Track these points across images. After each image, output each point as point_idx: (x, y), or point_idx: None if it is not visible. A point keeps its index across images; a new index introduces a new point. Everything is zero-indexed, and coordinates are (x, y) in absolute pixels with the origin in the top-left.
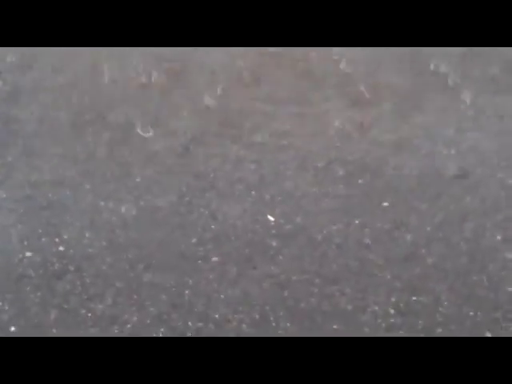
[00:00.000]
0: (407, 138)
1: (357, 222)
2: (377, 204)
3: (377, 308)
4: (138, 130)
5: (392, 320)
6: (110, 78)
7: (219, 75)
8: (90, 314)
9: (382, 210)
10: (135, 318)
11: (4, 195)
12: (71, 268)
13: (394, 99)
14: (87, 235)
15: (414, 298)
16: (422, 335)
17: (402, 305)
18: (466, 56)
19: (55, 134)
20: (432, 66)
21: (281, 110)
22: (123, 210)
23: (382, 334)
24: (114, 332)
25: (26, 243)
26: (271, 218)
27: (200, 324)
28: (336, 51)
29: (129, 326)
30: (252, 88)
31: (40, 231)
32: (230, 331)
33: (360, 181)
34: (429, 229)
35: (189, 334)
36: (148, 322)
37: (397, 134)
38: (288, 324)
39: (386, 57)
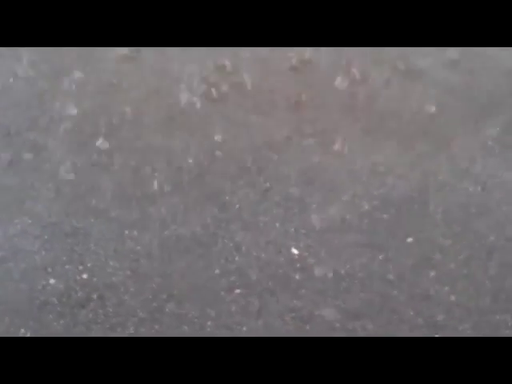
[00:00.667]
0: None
1: (380, 257)
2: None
3: None
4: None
5: None
6: None
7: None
8: None
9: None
10: None
11: (29, 221)
12: (94, 296)
13: None
14: (111, 263)
15: (437, 336)
16: None
17: None
18: None
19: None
20: None
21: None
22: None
23: None
24: None
25: (49, 270)
26: (295, 251)
27: None
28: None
29: None
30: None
31: (64, 258)
32: None
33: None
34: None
35: None
36: None
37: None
38: None
39: None
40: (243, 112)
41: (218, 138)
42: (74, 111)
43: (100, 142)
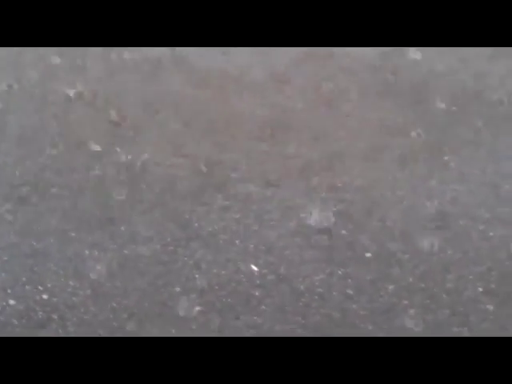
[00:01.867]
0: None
1: (340, 272)
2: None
3: None
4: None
5: None
6: None
7: None
8: None
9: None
10: None
11: None
12: (55, 316)
13: None
14: (71, 283)
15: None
16: None
17: None
18: None
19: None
20: None
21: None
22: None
23: None
24: None
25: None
26: (255, 268)
27: None
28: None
29: None
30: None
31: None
32: None
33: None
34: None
35: None
36: None
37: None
38: None
39: None
40: None
41: None
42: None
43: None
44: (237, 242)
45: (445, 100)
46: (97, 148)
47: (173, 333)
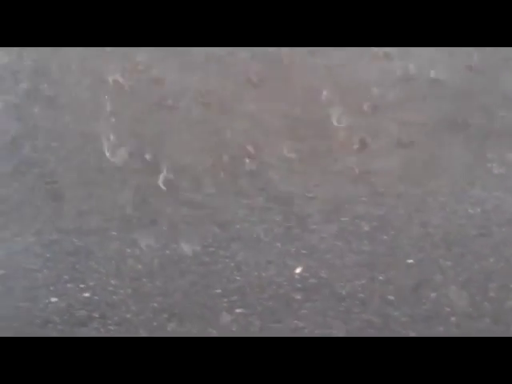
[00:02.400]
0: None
1: (381, 277)
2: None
3: None
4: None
5: None
6: None
7: None
8: None
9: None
10: None
11: (32, 239)
12: (96, 315)
13: None
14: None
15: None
16: None
17: None
18: None
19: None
20: None
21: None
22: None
23: None
24: None
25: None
26: (296, 271)
27: None
28: None
29: None
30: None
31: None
32: None
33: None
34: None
35: None
36: None
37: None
38: None
39: None
40: None
41: None
42: None
43: None
44: (278, 244)
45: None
46: None
47: (213, 334)
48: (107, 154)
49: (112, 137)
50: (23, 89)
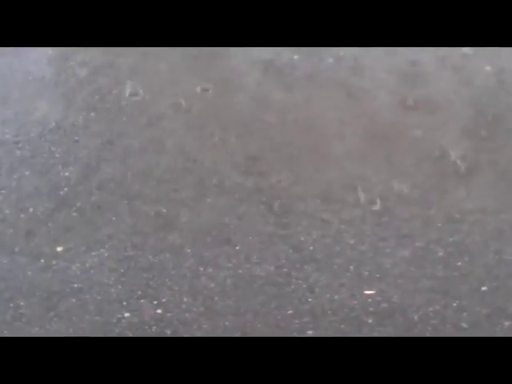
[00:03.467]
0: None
1: (454, 304)
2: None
3: None
4: None
5: None
6: None
7: None
8: None
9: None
10: None
11: (106, 254)
12: (168, 332)
13: None
14: (185, 299)
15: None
16: None
17: None
18: None
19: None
20: None
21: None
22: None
23: None
24: None
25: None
26: (369, 295)
27: None
28: None
29: None
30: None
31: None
32: None
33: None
34: None
35: None
36: None
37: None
38: None
39: None
40: None
41: None
42: None
43: None
44: (351, 267)
45: None
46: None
47: None
48: None
49: None
50: None
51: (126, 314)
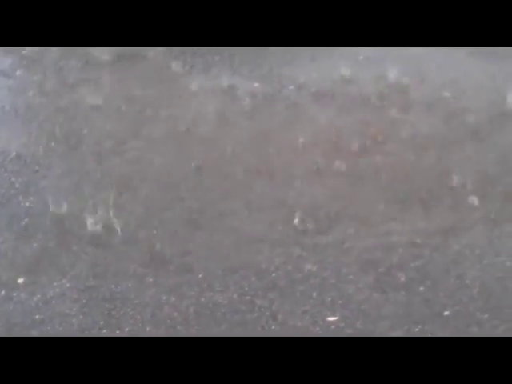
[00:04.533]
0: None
1: (417, 329)
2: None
3: None
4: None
5: None
6: None
7: None
8: None
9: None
10: None
11: (68, 284)
12: None
13: None
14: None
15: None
16: None
17: None
18: None
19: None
20: None
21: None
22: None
23: None
24: None
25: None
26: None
27: None
28: None
29: None
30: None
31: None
32: None
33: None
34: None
35: None
36: None
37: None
38: None
39: None
40: None
41: None
42: None
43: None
44: (314, 294)
45: None
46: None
47: None
48: None
49: None
50: None
51: None
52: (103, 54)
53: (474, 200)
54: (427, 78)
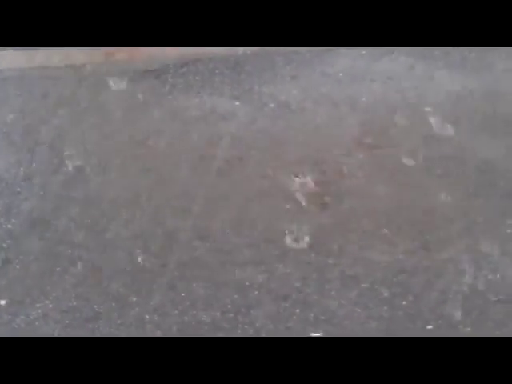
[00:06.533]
0: None
1: None
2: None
3: None
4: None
5: None
6: None
7: None
8: None
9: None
10: None
11: (50, 305)
12: None
13: None
14: None
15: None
16: None
17: None
18: None
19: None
20: None
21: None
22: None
23: None
24: None
25: None
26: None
27: None
28: None
29: None
30: None
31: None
32: None
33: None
34: None
35: None
36: None
37: None
38: None
39: None
40: None
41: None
42: None
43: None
44: (297, 310)
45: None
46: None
47: None
48: None
49: None
50: None
51: None
52: None
53: None
54: None
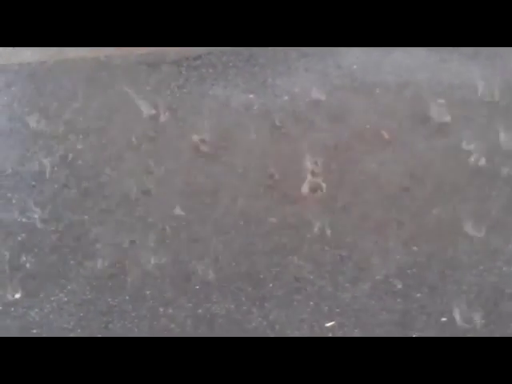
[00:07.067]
0: None
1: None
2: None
3: None
4: None
5: None
6: None
7: None
8: None
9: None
10: None
11: (65, 299)
12: None
13: None
14: None
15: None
16: None
17: None
18: None
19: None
20: None
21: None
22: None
23: None
24: None
25: None
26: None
27: None
28: None
29: None
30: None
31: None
32: None
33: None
34: None
35: None
36: None
37: None
38: None
39: None
40: None
41: None
42: None
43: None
44: (311, 303)
45: None
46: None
47: None
48: None
49: None
50: None
51: None
52: None
53: None
54: None
